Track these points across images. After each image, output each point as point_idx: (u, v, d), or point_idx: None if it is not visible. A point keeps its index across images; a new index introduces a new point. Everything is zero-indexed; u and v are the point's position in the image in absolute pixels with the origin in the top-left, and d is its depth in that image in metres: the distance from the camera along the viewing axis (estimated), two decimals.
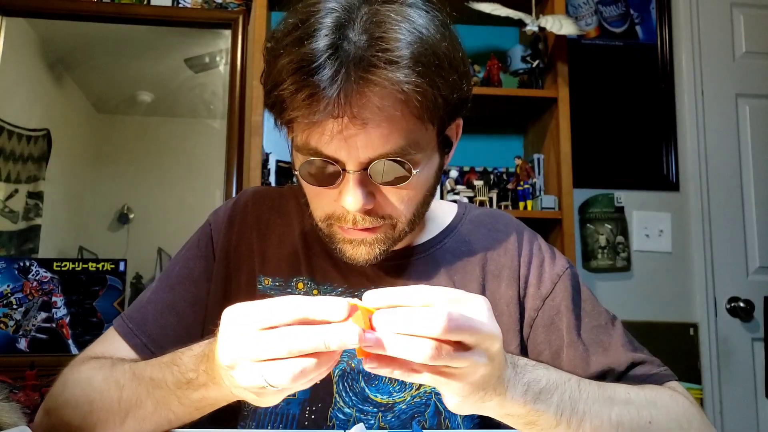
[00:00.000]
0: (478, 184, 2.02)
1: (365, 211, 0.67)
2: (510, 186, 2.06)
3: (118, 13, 2.04)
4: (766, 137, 2.30)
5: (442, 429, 0.76)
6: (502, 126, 2.25)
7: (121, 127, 2.12)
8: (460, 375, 0.49)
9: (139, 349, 0.76)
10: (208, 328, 0.79)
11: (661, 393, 0.71)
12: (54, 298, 1.77)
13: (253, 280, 0.80)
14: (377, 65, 0.59)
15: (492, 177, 2.09)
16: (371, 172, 0.64)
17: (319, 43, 0.60)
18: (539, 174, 2.04)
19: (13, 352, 1.71)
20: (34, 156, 2.00)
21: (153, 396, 0.65)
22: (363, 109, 0.60)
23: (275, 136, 0.95)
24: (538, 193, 2.00)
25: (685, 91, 2.30)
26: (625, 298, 2.16)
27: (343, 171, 0.64)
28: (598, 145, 2.23)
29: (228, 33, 2.08)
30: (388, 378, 0.75)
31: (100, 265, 1.81)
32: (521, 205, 2.00)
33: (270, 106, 0.66)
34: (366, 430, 0.66)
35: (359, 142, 0.62)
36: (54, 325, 1.76)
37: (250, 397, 0.53)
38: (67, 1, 2.01)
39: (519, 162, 2.08)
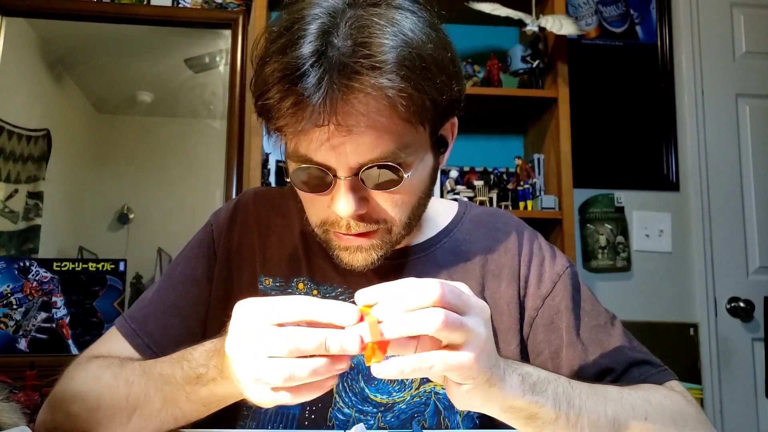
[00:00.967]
0: (478, 184, 2.02)
1: (358, 216, 0.66)
2: (510, 186, 2.06)
3: (118, 13, 2.04)
4: (766, 137, 2.30)
5: (441, 429, 0.76)
6: (502, 126, 2.25)
7: (121, 127, 2.12)
8: (466, 343, 0.50)
9: (141, 349, 0.76)
10: (210, 328, 0.79)
11: (656, 391, 0.71)
12: (54, 298, 1.77)
13: (255, 280, 0.80)
14: (360, 72, 0.58)
15: (492, 177, 2.09)
16: (362, 177, 0.64)
17: (303, 51, 0.59)
18: (539, 174, 2.04)
19: (13, 352, 1.71)
20: (34, 156, 2.00)
21: (162, 392, 0.65)
22: (348, 117, 0.59)
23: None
24: (538, 193, 2.00)
25: (685, 91, 2.30)
26: (625, 298, 2.16)
27: (335, 177, 0.64)
28: (598, 145, 2.23)
29: (228, 33, 2.08)
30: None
31: (100, 265, 1.81)
32: (521, 205, 2.00)
33: (258, 113, 0.66)
34: (366, 430, 0.66)
35: (348, 148, 0.61)
36: (54, 325, 1.76)
37: (250, 393, 0.53)
38: (67, 1, 2.01)
39: (519, 162, 2.08)
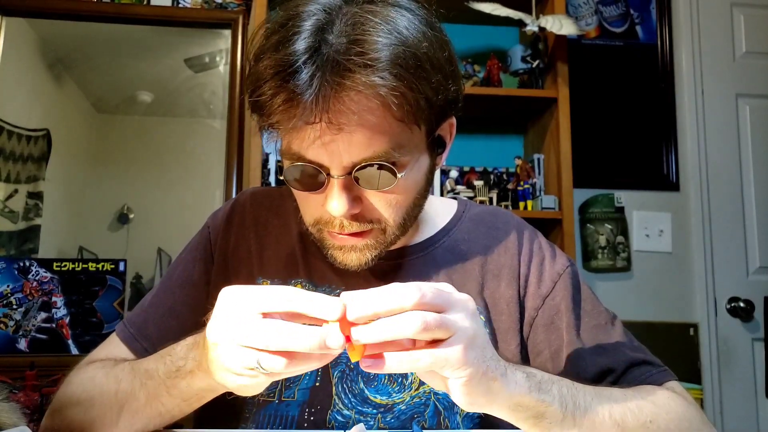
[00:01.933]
0: (478, 184, 2.02)
1: (352, 216, 0.66)
2: (510, 186, 2.06)
3: (118, 13, 2.04)
4: (766, 137, 2.30)
5: (441, 429, 0.75)
6: (502, 126, 2.24)
7: (121, 127, 2.12)
8: (453, 339, 0.49)
9: (140, 353, 0.77)
10: None
11: (659, 393, 0.70)
12: (54, 299, 1.77)
13: (252, 282, 0.80)
14: (353, 69, 0.57)
15: (492, 177, 2.09)
16: (356, 176, 0.63)
17: (296, 47, 0.59)
18: (539, 174, 2.04)
19: (13, 353, 1.71)
20: (34, 156, 2.00)
21: (146, 387, 0.65)
22: (339, 114, 0.58)
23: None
24: (538, 193, 2.00)
25: (685, 91, 2.29)
26: (625, 298, 2.16)
27: (328, 176, 0.63)
28: (598, 145, 2.23)
29: (228, 33, 2.07)
30: (388, 379, 0.75)
31: (99, 266, 1.81)
32: (521, 205, 2.00)
33: (252, 109, 0.65)
34: (366, 430, 0.66)
35: (341, 147, 0.61)
36: (54, 325, 1.76)
37: (230, 381, 0.53)
38: (67, 1, 2.00)
39: (519, 162, 2.08)
